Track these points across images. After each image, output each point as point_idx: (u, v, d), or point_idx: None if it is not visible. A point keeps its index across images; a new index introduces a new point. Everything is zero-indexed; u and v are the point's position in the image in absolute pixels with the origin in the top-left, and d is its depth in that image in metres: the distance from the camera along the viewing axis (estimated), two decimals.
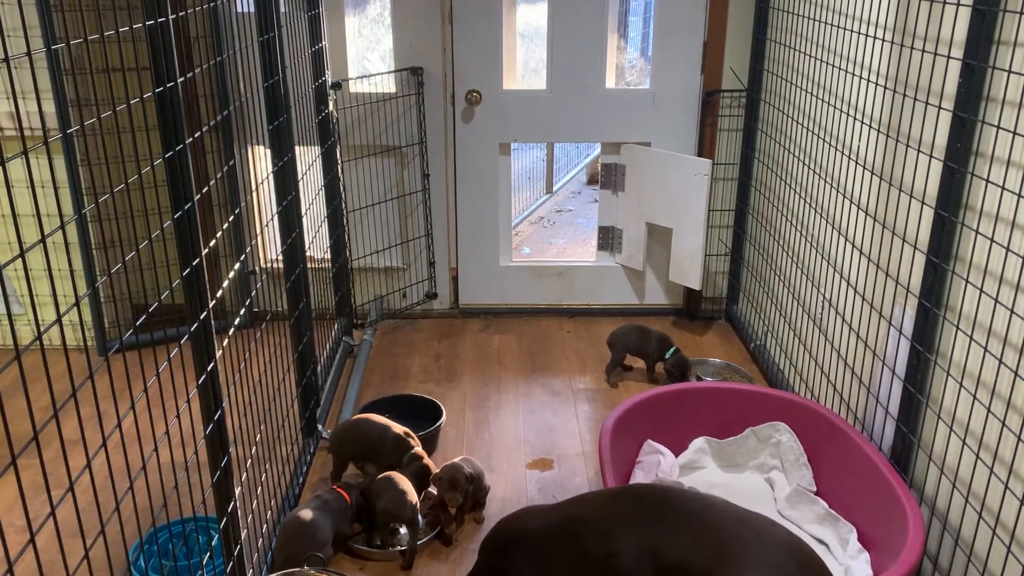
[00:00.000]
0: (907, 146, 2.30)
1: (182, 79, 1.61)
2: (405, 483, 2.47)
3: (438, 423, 2.99)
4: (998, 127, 1.89)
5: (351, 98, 3.71)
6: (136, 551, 2.26)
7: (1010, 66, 1.87)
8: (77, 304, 1.23)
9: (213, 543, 2.23)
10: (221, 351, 1.88)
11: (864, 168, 2.59)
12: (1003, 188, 1.86)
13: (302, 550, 2.24)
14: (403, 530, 2.48)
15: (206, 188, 1.92)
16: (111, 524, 1.33)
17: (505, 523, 1.83)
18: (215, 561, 2.21)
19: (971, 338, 2.00)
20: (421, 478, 2.57)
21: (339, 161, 3.60)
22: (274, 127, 2.59)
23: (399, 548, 2.45)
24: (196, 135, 1.79)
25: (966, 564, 2.02)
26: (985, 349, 1.93)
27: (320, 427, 3.01)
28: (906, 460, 2.32)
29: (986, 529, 1.93)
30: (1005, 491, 1.85)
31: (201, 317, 1.74)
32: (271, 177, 2.64)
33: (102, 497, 1.31)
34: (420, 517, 2.48)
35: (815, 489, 2.61)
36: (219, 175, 3.40)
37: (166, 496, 1.62)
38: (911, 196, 2.28)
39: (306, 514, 2.34)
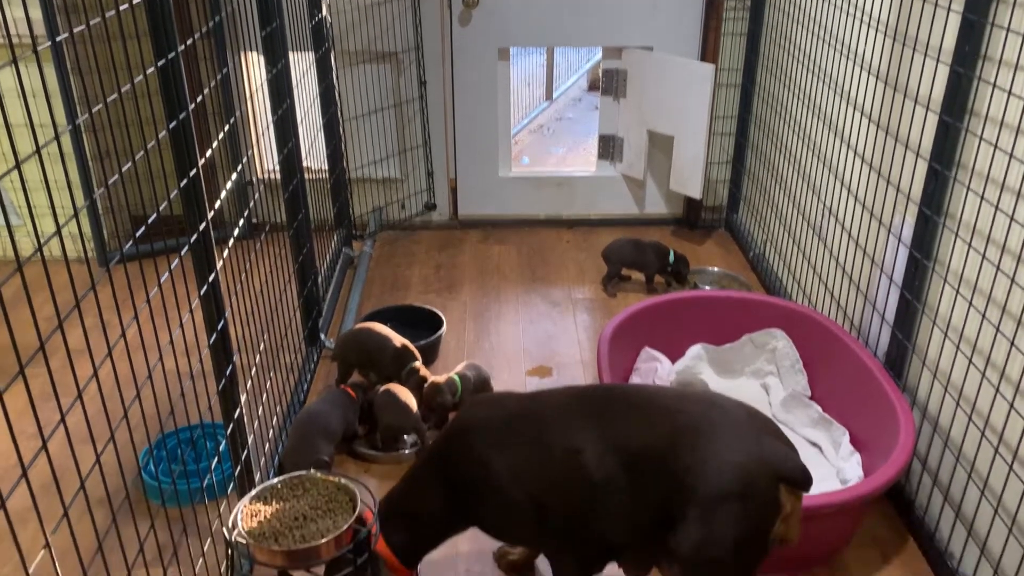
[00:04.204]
0: (914, 49, 2.25)
1: None
2: (406, 395, 2.52)
3: (438, 333, 3.02)
4: (1008, 29, 1.85)
5: (345, 2, 3.61)
6: (146, 456, 2.32)
7: None
8: (76, 216, 1.23)
9: (220, 448, 2.28)
10: (221, 262, 1.89)
11: (869, 73, 2.54)
12: (1010, 93, 1.83)
13: (314, 437, 2.34)
14: (408, 437, 2.54)
15: (200, 97, 1.89)
16: (120, 431, 1.36)
17: (465, 409, 1.85)
18: (223, 465, 2.28)
19: (970, 245, 2.00)
20: (421, 390, 2.61)
21: (333, 68, 3.53)
22: (267, 33, 2.53)
23: (405, 451, 2.51)
24: (188, 42, 1.75)
25: (954, 464, 2.07)
26: (983, 256, 1.94)
27: (323, 336, 3.04)
28: (900, 365, 2.36)
29: (975, 431, 1.97)
30: (996, 394, 1.89)
31: (200, 228, 1.74)
32: (265, 85, 2.59)
33: (110, 405, 1.34)
34: (424, 423, 2.54)
35: (810, 394, 2.66)
36: (213, 83, 3.34)
37: (172, 404, 1.66)
38: (916, 102, 2.25)
39: (318, 405, 2.46)
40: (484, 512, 1.79)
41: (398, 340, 2.70)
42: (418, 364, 2.66)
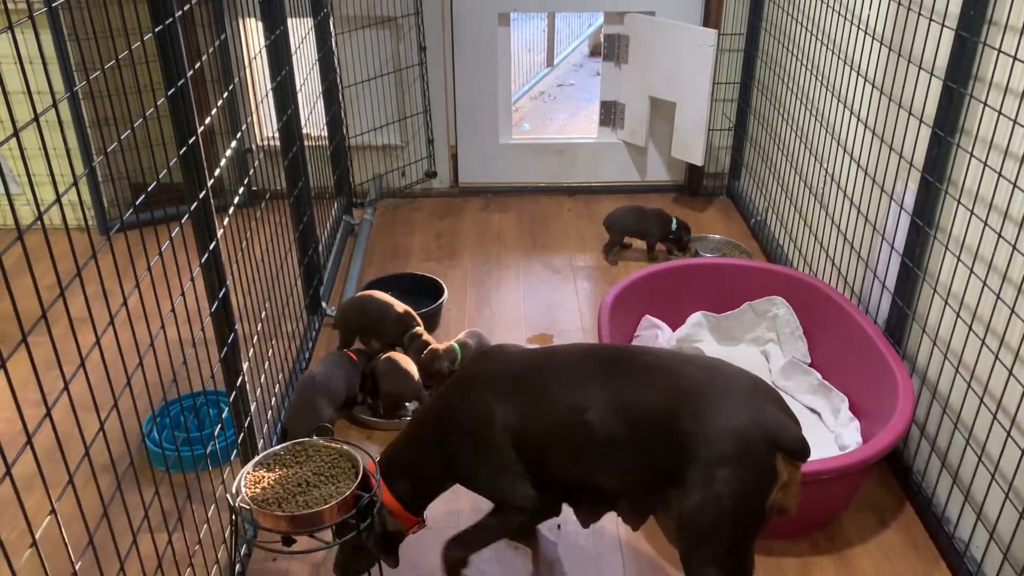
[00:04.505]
0: (919, 14, 2.23)
1: None
2: (407, 362, 2.53)
3: (440, 301, 3.02)
4: None
5: None
6: (149, 423, 2.33)
7: None
8: (75, 183, 1.23)
9: (223, 416, 2.30)
10: (222, 230, 1.88)
11: (873, 38, 2.52)
12: (1015, 58, 1.82)
13: (316, 398, 2.38)
14: (410, 404, 2.56)
15: (198, 63, 1.87)
16: (123, 398, 1.37)
17: (471, 361, 1.86)
18: (226, 432, 2.29)
19: (972, 212, 1.99)
20: (422, 355, 2.63)
21: (332, 34, 3.49)
22: None
23: (407, 418, 2.52)
24: (185, 7, 1.73)
25: (952, 430, 2.09)
26: (985, 223, 1.93)
27: (324, 304, 3.05)
28: (900, 332, 2.36)
29: (974, 398, 1.98)
30: (995, 361, 1.89)
31: (200, 196, 1.74)
32: (264, 51, 2.57)
33: (113, 373, 1.34)
34: (425, 390, 2.55)
35: (809, 361, 2.67)
36: (211, 50, 3.31)
37: (175, 371, 1.66)
38: (920, 67, 2.23)
39: (320, 369, 2.48)
40: (475, 464, 1.79)
41: (400, 306, 2.71)
42: (420, 329, 2.67)
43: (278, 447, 1.80)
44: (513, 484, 1.76)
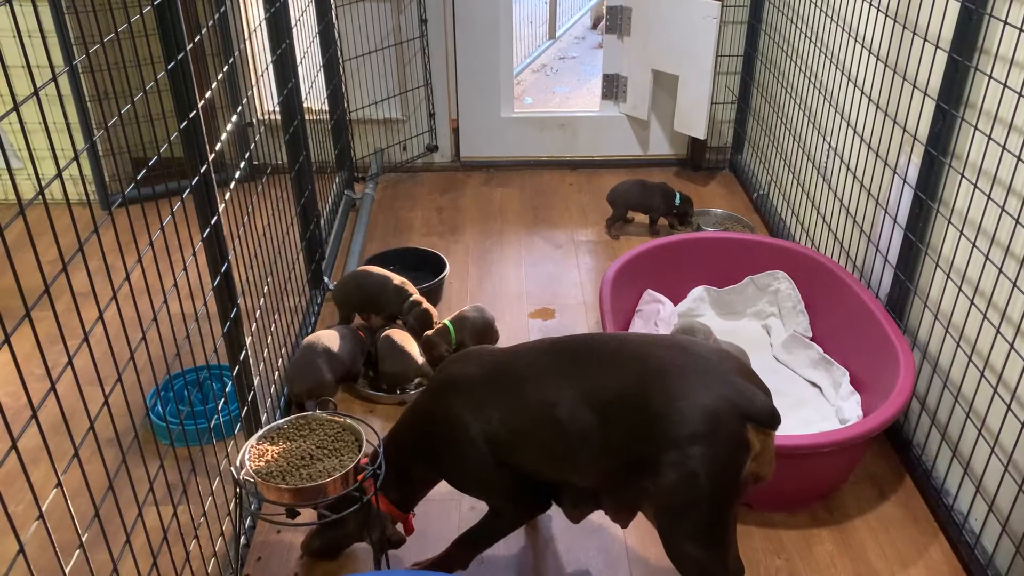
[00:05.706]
0: None
1: None
2: (407, 342, 2.54)
3: (442, 275, 3.02)
4: None
5: None
6: (153, 397, 2.35)
7: None
8: (76, 158, 1.22)
9: (227, 389, 2.31)
10: (223, 205, 1.88)
11: (877, 9, 2.49)
12: (1021, 29, 1.80)
13: (317, 358, 2.40)
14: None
15: (198, 37, 1.86)
16: (127, 372, 1.38)
17: (445, 365, 1.88)
18: (230, 406, 2.30)
19: (975, 186, 1.99)
20: (423, 322, 2.64)
21: (333, 6, 3.46)
22: None
23: (410, 392, 2.53)
24: None
25: (952, 404, 2.09)
26: (988, 197, 1.93)
27: (326, 279, 3.05)
28: (902, 307, 2.36)
29: (974, 372, 1.99)
30: (996, 335, 1.90)
31: (202, 171, 1.74)
32: (264, 24, 2.55)
33: (116, 347, 1.35)
34: (429, 368, 2.56)
35: (811, 335, 2.68)
36: (210, 22, 3.28)
37: (178, 346, 1.67)
38: (925, 39, 2.21)
39: (326, 332, 2.51)
40: (456, 470, 1.83)
41: (396, 278, 2.72)
42: (418, 296, 2.68)
43: (282, 420, 1.81)
44: (496, 489, 1.80)
